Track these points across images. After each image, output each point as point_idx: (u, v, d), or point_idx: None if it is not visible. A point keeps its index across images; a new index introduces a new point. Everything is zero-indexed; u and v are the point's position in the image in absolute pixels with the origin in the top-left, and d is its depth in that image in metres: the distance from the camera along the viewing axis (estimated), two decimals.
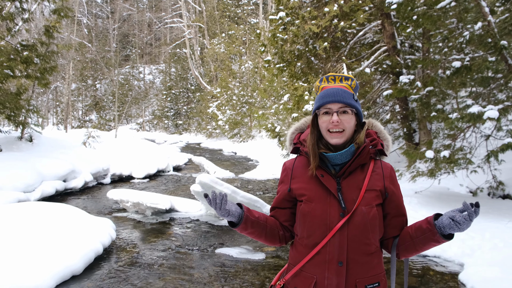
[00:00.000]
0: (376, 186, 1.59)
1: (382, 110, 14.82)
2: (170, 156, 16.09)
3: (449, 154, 7.05)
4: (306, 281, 1.57)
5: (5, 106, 10.96)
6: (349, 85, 1.61)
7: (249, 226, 1.62)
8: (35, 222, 5.29)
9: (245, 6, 40.40)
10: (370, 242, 1.56)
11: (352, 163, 1.57)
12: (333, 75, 1.64)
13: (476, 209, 1.35)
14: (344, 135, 1.56)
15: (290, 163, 1.72)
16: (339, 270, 1.52)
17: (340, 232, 1.53)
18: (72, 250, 4.85)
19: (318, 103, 1.59)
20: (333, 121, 1.54)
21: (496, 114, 6.01)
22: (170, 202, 7.76)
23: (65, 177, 9.95)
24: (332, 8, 11.06)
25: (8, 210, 5.69)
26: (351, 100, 1.56)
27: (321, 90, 1.63)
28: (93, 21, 59.34)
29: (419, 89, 8.17)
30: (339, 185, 1.57)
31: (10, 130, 13.38)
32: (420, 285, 4.54)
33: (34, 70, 12.11)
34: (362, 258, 1.55)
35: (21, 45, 11.78)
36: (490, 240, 5.40)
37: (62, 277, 4.45)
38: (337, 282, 1.52)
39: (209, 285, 4.49)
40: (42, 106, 40.71)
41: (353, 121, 1.58)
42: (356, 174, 1.59)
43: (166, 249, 5.78)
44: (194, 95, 42.67)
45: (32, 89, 14.08)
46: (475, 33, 6.65)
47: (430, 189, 8.54)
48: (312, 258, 1.57)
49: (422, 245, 1.55)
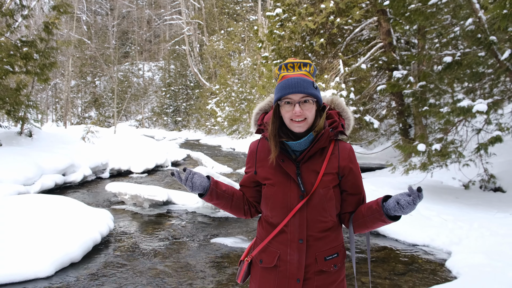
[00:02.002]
0: (333, 168, 1.69)
1: (379, 106, 14.97)
2: (169, 151, 16.24)
3: (440, 148, 7.20)
4: (271, 255, 1.72)
5: (5, 101, 11.07)
6: (307, 72, 1.66)
7: (214, 197, 1.77)
8: (35, 213, 5.43)
9: (244, 3, 40.43)
10: (327, 219, 1.69)
11: (311, 149, 1.66)
12: (292, 62, 1.68)
13: (419, 193, 1.45)
14: (306, 123, 1.64)
15: (254, 146, 1.84)
16: (300, 247, 1.66)
17: (300, 213, 1.66)
18: (71, 239, 5.00)
19: (279, 94, 1.64)
20: (295, 112, 1.60)
21: (485, 107, 6.15)
22: (167, 194, 7.92)
23: (64, 171, 10.09)
24: (329, 4, 11.18)
25: (9, 202, 5.83)
26: (311, 90, 1.61)
27: (281, 78, 1.67)
28: (92, 18, 59.31)
29: (412, 84, 8.30)
30: (299, 169, 1.67)
31: (10, 125, 13.50)
32: (408, 272, 4.69)
33: (33, 66, 12.22)
34: (321, 234, 1.69)
35: (21, 41, 11.89)
36: (477, 229, 5.56)
37: (61, 264, 4.60)
38: (298, 257, 1.67)
39: (204, 272, 4.65)
40: (41, 103, 40.77)
41: (313, 109, 1.65)
42: (315, 158, 1.69)
43: (162, 239, 5.93)
44: (193, 92, 42.80)
45: (31, 85, 14.19)
46: (466, 29, 6.79)
47: (423, 183, 8.69)
48: (276, 236, 1.71)
49: (371, 223, 1.66)
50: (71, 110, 40.81)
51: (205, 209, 7.72)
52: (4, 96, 10.95)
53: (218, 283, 4.32)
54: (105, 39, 54.27)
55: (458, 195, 7.94)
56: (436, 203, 7.22)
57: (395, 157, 11.95)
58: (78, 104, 45.96)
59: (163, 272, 4.62)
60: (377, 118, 13.19)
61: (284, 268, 1.69)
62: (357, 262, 4.95)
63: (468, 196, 7.78)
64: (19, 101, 11.69)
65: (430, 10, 7.52)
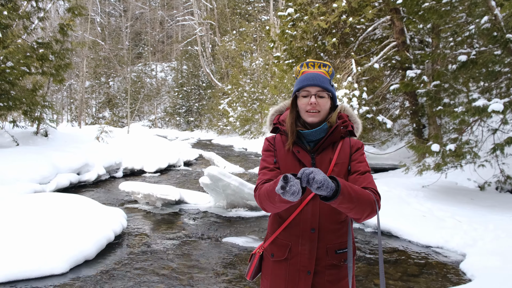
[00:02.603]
0: (345, 158, 1.75)
1: (392, 105, 14.83)
2: (181, 151, 16.33)
3: (455, 148, 7.10)
4: (281, 247, 1.76)
5: (22, 101, 11.27)
6: (326, 71, 1.81)
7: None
8: (50, 211, 5.51)
9: (255, 3, 40.46)
10: (340, 210, 1.69)
11: (325, 141, 1.74)
12: (312, 61, 1.82)
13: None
14: (319, 115, 1.74)
15: (271, 138, 1.89)
16: (312, 236, 1.70)
17: (313, 202, 1.71)
18: (85, 237, 5.07)
19: (298, 86, 1.76)
20: (311, 103, 1.71)
21: (501, 107, 6.05)
22: (180, 194, 7.96)
23: (79, 170, 10.23)
24: (341, 3, 11.12)
25: (25, 200, 5.94)
26: (327, 85, 1.73)
27: (301, 74, 1.81)
28: (106, 20, 59.99)
29: (426, 83, 8.21)
30: (314, 160, 1.74)
31: (26, 125, 13.74)
32: (421, 274, 4.64)
33: (49, 67, 12.42)
34: (333, 225, 1.72)
35: (37, 43, 12.10)
36: (493, 231, 5.47)
37: (75, 261, 4.67)
38: (309, 248, 1.69)
39: (216, 271, 4.67)
40: (57, 104, 41.34)
41: (328, 104, 1.76)
42: (328, 150, 1.76)
43: (175, 238, 5.97)
44: (205, 92, 42.95)
45: (47, 85, 14.42)
46: (481, 27, 6.68)
47: (437, 183, 8.59)
48: (288, 226, 1.75)
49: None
50: (85, 110, 41.34)
51: (217, 208, 7.75)
52: (21, 96, 11.14)
53: (229, 282, 4.34)
54: (118, 40, 54.82)
55: (473, 196, 7.83)
56: (451, 204, 7.13)
57: (409, 157, 11.82)
58: (92, 104, 46.50)
59: (175, 271, 4.66)
60: (390, 118, 13.06)
61: (295, 261, 1.72)
62: (369, 264, 4.92)
63: (484, 198, 7.66)
64: (35, 101, 11.89)
65: (445, 8, 7.43)
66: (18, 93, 11.11)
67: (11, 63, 10.09)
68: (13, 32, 10.99)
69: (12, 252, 4.44)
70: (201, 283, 4.30)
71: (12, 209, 5.43)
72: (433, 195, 7.92)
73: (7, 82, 10.39)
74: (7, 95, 10.66)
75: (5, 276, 4.16)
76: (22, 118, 13.58)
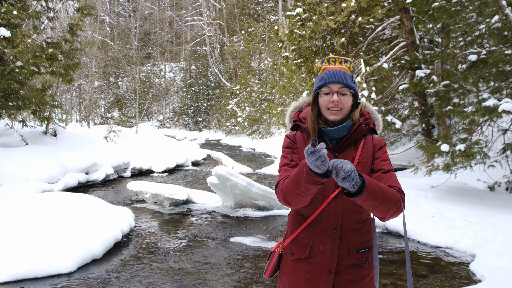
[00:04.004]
0: (368, 157, 1.71)
1: (401, 106, 14.71)
2: (189, 151, 16.37)
3: (464, 148, 7.03)
4: (302, 247, 1.72)
5: (31, 101, 11.37)
6: (347, 67, 1.73)
7: None
8: (58, 210, 5.54)
9: (264, 3, 40.43)
10: (362, 210, 1.69)
11: (348, 139, 1.70)
12: (333, 57, 1.75)
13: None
14: (341, 113, 1.69)
15: (292, 136, 1.84)
16: (334, 236, 1.67)
17: (336, 200, 1.67)
18: (93, 236, 5.10)
19: (320, 83, 1.69)
20: (333, 101, 1.65)
21: (511, 107, 5.97)
22: (187, 193, 7.98)
23: (87, 169, 10.30)
24: (350, 3, 11.06)
25: (34, 199, 5.98)
26: (350, 82, 1.67)
27: (322, 71, 1.74)
28: (115, 20, 60.42)
29: (435, 83, 8.13)
30: (336, 158, 1.69)
31: (36, 125, 13.87)
32: (430, 274, 4.59)
33: (58, 67, 12.51)
34: (355, 225, 1.69)
35: (46, 43, 12.19)
36: (503, 232, 5.39)
37: (83, 260, 4.70)
38: (331, 247, 1.66)
39: (223, 271, 4.66)
40: (66, 103, 41.70)
41: (350, 101, 1.70)
42: (350, 149, 1.72)
43: (182, 237, 5.98)
44: (213, 92, 43.05)
45: (56, 85, 14.54)
46: (492, 26, 6.61)
47: (446, 184, 8.50)
48: (309, 225, 1.71)
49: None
50: (94, 110, 41.64)
51: (224, 208, 7.75)
52: (30, 96, 11.24)
53: (237, 282, 4.33)
54: (127, 40, 55.19)
55: (483, 196, 7.73)
56: (460, 204, 7.05)
57: (418, 158, 11.72)
58: (101, 104, 46.84)
59: (182, 270, 4.66)
60: (399, 118, 12.96)
61: (315, 260, 1.69)
62: (379, 263, 4.87)
63: (494, 198, 7.57)
64: (45, 101, 11.99)
65: (455, 8, 7.36)
66: (27, 93, 11.20)
67: (20, 63, 10.18)
68: (22, 31, 11.08)
69: (20, 251, 4.47)
70: (210, 283, 4.29)
71: (21, 208, 5.47)
72: (442, 195, 7.84)
73: (17, 81, 10.49)
74: (16, 94, 10.76)
75: (13, 275, 4.20)
76: (31, 117, 13.73)
